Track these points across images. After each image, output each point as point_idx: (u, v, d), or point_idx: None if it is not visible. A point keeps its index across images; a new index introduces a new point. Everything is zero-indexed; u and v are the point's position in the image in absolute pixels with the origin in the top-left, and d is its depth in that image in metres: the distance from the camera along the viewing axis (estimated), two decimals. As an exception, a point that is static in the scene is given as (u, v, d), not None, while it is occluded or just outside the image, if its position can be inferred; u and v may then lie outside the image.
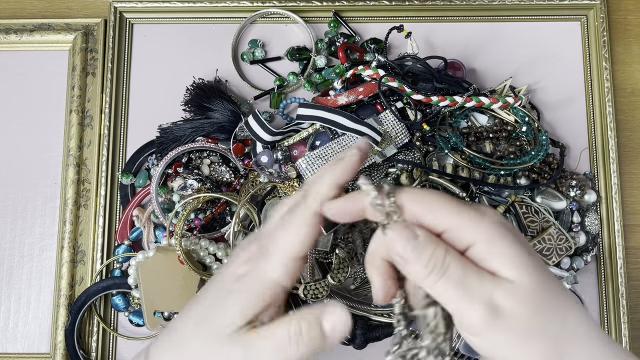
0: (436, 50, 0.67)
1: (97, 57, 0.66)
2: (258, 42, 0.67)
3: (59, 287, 0.61)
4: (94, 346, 0.60)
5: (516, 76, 0.66)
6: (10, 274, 0.63)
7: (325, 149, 0.58)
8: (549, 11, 0.68)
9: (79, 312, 0.60)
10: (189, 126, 0.62)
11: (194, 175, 0.60)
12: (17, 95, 0.66)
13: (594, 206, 0.63)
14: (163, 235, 0.61)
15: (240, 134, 0.61)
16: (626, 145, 0.66)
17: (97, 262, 0.61)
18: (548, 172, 0.60)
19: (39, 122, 0.66)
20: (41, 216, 0.64)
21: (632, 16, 0.69)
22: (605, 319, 0.62)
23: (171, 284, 0.57)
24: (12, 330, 0.62)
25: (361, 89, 0.60)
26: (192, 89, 0.64)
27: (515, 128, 0.62)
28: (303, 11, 0.67)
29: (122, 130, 0.65)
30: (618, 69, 0.68)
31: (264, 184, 0.60)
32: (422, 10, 0.67)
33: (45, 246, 0.63)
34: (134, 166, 0.63)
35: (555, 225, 0.58)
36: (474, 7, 0.67)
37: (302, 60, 0.66)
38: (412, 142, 0.60)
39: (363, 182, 0.32)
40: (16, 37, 0.66)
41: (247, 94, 0.66)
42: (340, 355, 0.59)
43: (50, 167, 0.65)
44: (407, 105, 0.61)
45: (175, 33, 0.68)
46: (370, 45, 0.65)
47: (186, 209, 0.58)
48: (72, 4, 0.69)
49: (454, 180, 0.59)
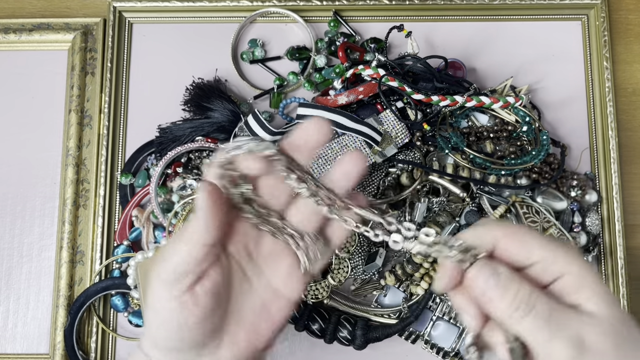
0: (436, 50, 0.67)
1: (96, 57, 0.66)
2: (258, 42, 0.67)
3: (58, 287, 0.61)
4: (93, 347, 0.60)
5: (517, 76, 0.66)
6: (9, 274, 0.63)
7: (325, 148, 0.58)
8: (550, 11, 0.67)
9: (78, 313, 0.59)
10: (188, 126, 0.61)
11: (193, 175, 0.60)
12: (16, 94, 0.66)
13: (594, 206, 0.63)
14: (162, 235, 0.61)
15: (240, 133, 0.61)
16: (627, 145, 0.66)
17: (96, 262, 0.61)
18: (549, 172, 0.60)
19: (38, 121, 0.65)
20: (40, 216, 0.64)
21: (633, 15, 0.69)
22: (606, 319, 0.62)
23: (170, 285, 0.57)
24: (11, 331, 0.62)
25: (361, 89, 0.60)
26: (191, 88, 0.63)
27: (516, 128, 0.61)
28: (303, 10, 0.67)
29: (122, 130, 0.65)
30: (619, 68, 0.67)
31: (263, 184, 0.60)
32: (422, 9, 0.67)
33: (44, 246, 0.63)
34: (133, 166, 0.63)
35: (556, 225, 0.58)
36: (475, 6, 0.67)
37: (302, 60, 0.66)
38: (413, 142, 0.60)
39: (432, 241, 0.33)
40: (15, 36, 0.66)
41: (246, 93, 0.66)
42: (340, 355, 0.59)
43: (49, 167, 0.64)
44: (408, 105, 0.61)
45: (174, 33, 0.67)
46: (370, 45, 0.65)
47: (185, 209, 0.58)
48: (71, 4, 0.69)
49: (455, 180, 0.59)
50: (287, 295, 0.39)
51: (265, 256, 0.39)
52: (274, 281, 0.39)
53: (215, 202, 0.34)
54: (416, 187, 0.58)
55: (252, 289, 0.38)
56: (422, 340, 0.58)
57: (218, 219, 0.34)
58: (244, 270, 0.38)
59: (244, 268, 0.38)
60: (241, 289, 0.38)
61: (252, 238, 0.38)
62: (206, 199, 0.33)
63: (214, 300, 0.36)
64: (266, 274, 0.39)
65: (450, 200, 0.60)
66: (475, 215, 0.58)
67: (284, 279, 0.38)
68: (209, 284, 0.35)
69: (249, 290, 0.38)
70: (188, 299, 0.35)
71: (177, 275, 0.34)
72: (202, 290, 0.35)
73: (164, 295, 0.35)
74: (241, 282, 0.38)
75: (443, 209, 0.59)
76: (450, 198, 0.60)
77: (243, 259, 0.38)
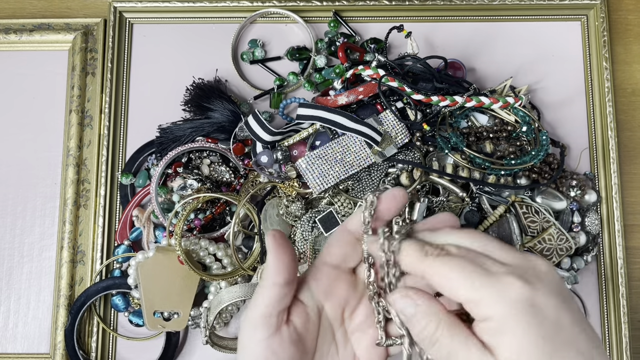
0: (436, 50, 0.67)
1: (96, 57, 0.66)
2: (258, 42, 0.67)
3: (58, 287, 0.61)
4: (94, 346, 0.60)
5: (516, 76, 0.66)
6: (10, 274, 0.63)
7: (325, 149, 0.58)
8: (549, 11, 0.68)
9: (78, 313, 0.60)
10: (188, 126, 0.62)
11: (193, 175, 0.60)
12: (16, 95, 0.66)
13: (594, 206, 0.63)
14: (163, 235, 0.61)
15: (240, 134, 0.61)
16: (626, 145, 0.66)
17: (97, 262, 0.61)
18: (548, 172, 0.60)
19: (38, 122, 0.66)
20: (41, 216, 0.64)
21: (632, 16, 0.69)
22: (606, 319, 0.62)
23: (171, 284, 0.57)
24: (11, 331, 0.62)
25: (361, 89, 0.60)
26: (192, 88, 0.64)
27: (516, 128, 0.61)
28: (303, 11, 0.67)
29: (122, 130, 0.65)
30: (618, 68, 0.67)
31: (264, 184, 0.60)
32: (422, 10, 0.67)
33: (45, 246, 0.63)
34: (133, 166, 0.63)
35: (555, 225, 0.58)
36: (474, 7, 0.67)
37: (302, 60, 0.66)
38: (412, 142, 0.60)
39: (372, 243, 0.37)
40: (16, 37, 0.66)
41: (247, 93, 0.66)
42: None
43: (50, 167, 0.65)
44: (407, 105, 0.61)
45: (175, 33, 0.67)
46: (370, 45, 0.65)
47: (186, 209, 0.58)
48: (71, 4, 0.69)
49: (454, 180, 0.59)
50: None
51: (356, 325, 0.40)
52: (358, 351, 0.40)
53: (280, 245, 0.37)
54: (416, 187, 0.58)
55: (337, 354, 0.40)
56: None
57: (285, 259, 0.37)
58: (333, 333, 0.40)
59: (334, 331, 0.40)
60: (329, 351, 0.40)
61: (349, 305, 0.41)
62: (271, 243, 0.37)
63: (298, 349, 0.38)
64: (352, 342, 0.41)
65: (450, 200, 0.60)
66: (475, 215, 0.58)
67: (366, 350, 0.40)
68: (292, 331, 0.38)
69: (335, 355, 0.40)
70: (274, 342, 0.37)
71: (262, 317, 0.37)
72: (288, 335, 0.37)
73: (253, 337, 0.38)
74: (330, 345, 0.40)
75: (443, 209, 0.59)
76: (450, 198, 0.60)
77: (336, 322, 0.40)
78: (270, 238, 0.37)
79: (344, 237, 0.40)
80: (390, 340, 0.40)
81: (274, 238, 0.37)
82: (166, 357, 0.60)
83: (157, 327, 0.58)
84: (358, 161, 0.58)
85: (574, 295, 0.62)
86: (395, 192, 0.38)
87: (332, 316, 0.40)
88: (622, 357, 0.60)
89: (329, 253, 0.40)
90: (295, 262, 0.38)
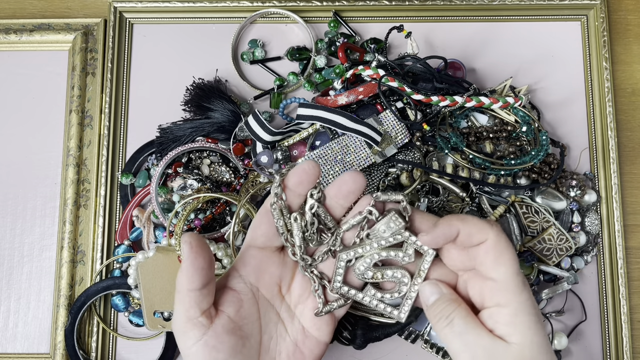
0: (436, 50, 0.67)
1: (97, 57, 0.66)
2: (258, 42, 0.67)
3: (58, 287, 0.61)
4: (94, 346, 0.60)
5: (516, 76, 0.66)
6: (10, 274, 0.63)
7: (325, 149, 0.58)
8: (549, 11, 0.68)
9: (78, 312, 0.60)
10: (188, 126, 0.62)
11: (193, 175, 0.60)
12: (16, 95, 0.66)
13: (594, 206, 0.63)
14: (163, 235, 0.61)
15: (240, 134, 0.61)
16: (626, 145, 0.66)
17: (97, 262, 0.61)
18: (548, 172, 0.60)
19: (38, 122, 0.66)
20: (41, 216, 0.64)
21: (632, 16, 0.69)
22: (605, 319, 0.62)
23: (171, 284, 0.57)
24: (11, 331, 0.62)
25: (361, 89, 0.60)
26: (192, 88, 0.64)
27: (516, 128, 0.61)
28: (303, 11, 0.67)
29: (122, 130, 0.65)
30: (618, 68, 0.67)
31: (264, 184, 0.60)
32: (422, 10, 0.67)
33: (45, 246, 0.63)
34: (133, 166, 0.63)
35: (555, 225, 0.58)
36: (474, 7, 0.67)
37: (302, 60, 0.66)
38: (412, 142, 0.60)
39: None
40: (16, 37, 0.66)
41: (247, 94, 0.66)
42: (340, 355, 0.59)
43: (50, 167, 0.65)
44: (407, 105, 0.61)
45: (175, 33, 0.68)
46: (370, 45, 0.65)
47: (186, 209, 0.58)
48: (71, 4, 0.69)
49: (454, 180, 0.59)
50: (316, 335, 0.41)
51: (297, 297, 0.41)
52: (305, 323, 0.41)
53: (195, 252, 0.37)
54: (416, 187, 0.58)
55: (286, 331, 0.40)
56: (422, 339, 0.59)
57: (199, 264, 0.37)
58: (277, 312, 0.40)
59: (277, 310, 0.40)
60: (276, 330, 0.40)
61: (284, 280, 0.42)
62: (187, 250, 0.38)
63: (237, 336, 0.39)
64: (297, 316, 0.41)
65: (450, 200, 0.60)
66: (475, 215, 0.58)
67: (311, 320, 0.40)
68: (225, 321, 0.39)
69: (284, 333, 0.40)
70: (210, 338, 0.38)
71: (187, 322, 0.38)
72: (221, 327, 0.38)
73: (186, 343, 0.38)
74: (276, 324, 0.41)
75: (443, 209, 0.60)
76: (450, 198, 0.60)
77: (275, 300, 0.41)
78: (187, 246, 0.38)
79: (265, 219, 0.41)
80: (327, 307, 0.40)
81: (190, 246, 0.38)
82: (166, 357, 0.60)
83: (157, 327, 0.58)
84: (358, 161, 0.58)
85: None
86: (305, 166, 0.39)
87: (269, 295, 0.41)
88: (622, 357, 0.60)
89: (253, 236, 0.41)
90: (212, 263, 0.38)
